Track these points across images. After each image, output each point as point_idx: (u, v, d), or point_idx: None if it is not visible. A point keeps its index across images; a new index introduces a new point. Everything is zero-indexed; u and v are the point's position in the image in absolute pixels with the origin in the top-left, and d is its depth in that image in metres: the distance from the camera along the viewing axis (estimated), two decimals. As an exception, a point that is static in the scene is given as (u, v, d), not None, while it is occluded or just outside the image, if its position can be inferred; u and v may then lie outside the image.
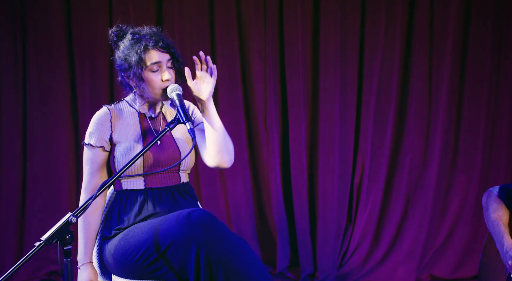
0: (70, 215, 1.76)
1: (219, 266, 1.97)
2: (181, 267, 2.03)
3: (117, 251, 2.19)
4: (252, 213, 4.22)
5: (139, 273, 2.15)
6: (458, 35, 4.03)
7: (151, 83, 2.28)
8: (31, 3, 4.02)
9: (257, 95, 4.12)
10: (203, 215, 2.06)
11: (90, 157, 2.32)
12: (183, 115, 2.10)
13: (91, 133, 2.32)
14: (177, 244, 2.02)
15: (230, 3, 4.08)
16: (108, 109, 2.36)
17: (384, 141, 4.11)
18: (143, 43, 2.27)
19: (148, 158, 2.27)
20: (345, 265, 4.14)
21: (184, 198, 2.35)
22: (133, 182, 2.32)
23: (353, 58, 4.08)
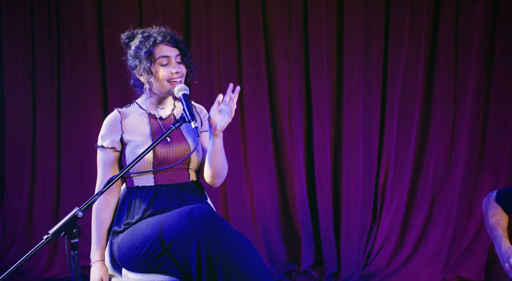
0: (77, 210, 1.85)
1: (219, 261, 2.03)
2: (184, 262, 2.10)
3: (125, 245, 2.28)
4: (277, 211, 4.27)
5: (145, 267, 2.22)
6: (484, 33, 3.97)
7: (160, 76, 2.38)
8: (65, 6, 4.18)
9: (282, 94, 4.17)
10: (204, 211, 2.13)
11: (102, 158, 2.43)
12: (188, 114, 2.16)
13: (103, 136, 2.43)
14: (180, 239, 2.09)
15: (255, 4, 4.15)
16: (118, 112, 2.48)
17: (409, 141, 4.09)
18: (152, 38, 2.38)
19: (158, 155, 2.36)
20: (370, 264, 4.13)
21: (193, 195, 2.42)
22: (143, 179, 2.40)
23: (377, 57, 4.07)
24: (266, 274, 2.08)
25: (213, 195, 4.25)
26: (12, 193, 4.29)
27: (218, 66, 4.20)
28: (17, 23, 4.20)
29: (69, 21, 4.20)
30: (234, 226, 4.13)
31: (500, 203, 2.49)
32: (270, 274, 2.11)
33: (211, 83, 4.21)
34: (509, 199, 2.45)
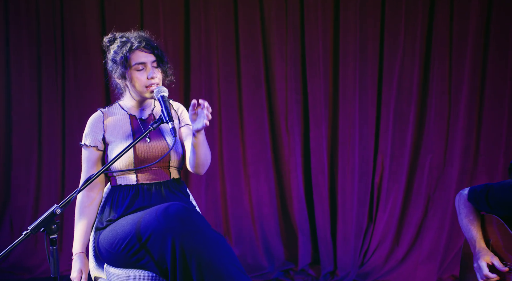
0: (55, 207, 1.94)
1: (192, 256, 2.10)
2: (160, 257, 2.18)
3: (106, 241, 2.37)
4: (275, 211, 4.33)
5: (125, 262, 2.31)
6: (479, 34, 4.02)
7: (137, 81, 2.46)
8: (69, 9, 4.29)
9: (279, 95, 4.24)
10: (179, 209, 2.20)
11: (86, 156, 2.52)
12: (166, 115, 2.23)
13: (86, 135, 2.54)
14: (156, 235, 2.17)
15: (253, 6, 4.22)
16: (101, 112, 2.57)
17: (405, 141, 4.14)
18: (129, 44, 2.46)
19: (138, 155, 2.44)
20: (366, 263, 4.18)
21: (174, 193, 2.50)
22: (125, 178, 2.49)
23: (373, 58, 4.13)
24: (239, 269, 2.15)
25: (212, 194, 4.34)
26: (18, 191, 4.42)
27: (218, 67, 4.28)
28: (23, 26, 4.32)
29: (73, 24, 4.31)
30: (233, 226, 4.27)
31: (472, 201, 2.52)
32: (243, 270, 2.18)
33: (211, 84, 4.29)
34: (480, 199, 2.47)
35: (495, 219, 2.46)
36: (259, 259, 4.29)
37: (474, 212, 2.54)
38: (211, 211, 4.36)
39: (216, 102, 4.29)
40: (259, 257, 4.29)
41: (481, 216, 2.55)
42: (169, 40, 4.29)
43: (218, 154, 4.32)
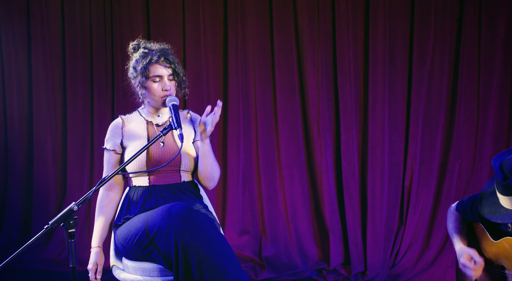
0: (73, 204, 2.21)
1: (192, 251, 2.32)
2: (166, 252, 2.42)
3: (122, 236, 2.63)
4: (308, 212, 4.50)
5: (137, 255, 2.56)
6: (507, 41, 4.04)
7: (152, 91, 2.73)
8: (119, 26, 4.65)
9: (312, 101, 4.40)
10: (181, 208, 2.43)
11: (107, 158, 2.81)
12: (175, 122, 2.47)
13: (107, 140, 2.82)
14: (161, 232, 2.41)
15: (287, 16, 4.41)
16: (121, 119, 2.86)
17: (434, 146, 4.20)
18: (149, 57, 2.72)
19: (151, 158, 2.69)
20: (397, 265, 4.27)
21: (185, 194, 2.73)
22: (140, 179, 2.76)
23: (402, 65, 4.23)
24: (235, 265, 2.35)
25: (249, 196, 4.56)
26: (73, 189, 4.80)
27: (254, 75, 4.50)
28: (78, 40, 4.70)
29: (122, 37, 4.64)
30: (269, 226, 4.48)
31: (459, 211, 2.64)
32: (239, 265, 2.38)
33: (247, 92, 4.51)
34: (466, 208, 2.60)
35: (480, 226, 2.56)
36: (293, 258, 4.46)
37: (459, 218, 2.66)
38: (248, 212, 4.59)
39: (253, 108, 4.51)
40: (293, 256, 4.47)
41: (468, 223, 2.66)
42: (208, 49, 4.54)
43: (255, 157, 4.54)
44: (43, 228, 2.16)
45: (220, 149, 4.60)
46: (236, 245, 4.57)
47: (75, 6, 4.69)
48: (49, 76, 4.77)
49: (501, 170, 2.15)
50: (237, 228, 4.60)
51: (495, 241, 2.46)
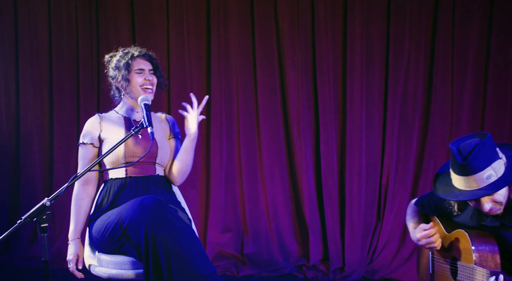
0: (46, 200, 2.31)
1: (161, 243, 2.44)
2: (137, 243, 2.54)
3: (96, 229, 2.75)
4: (289, 210, 4.62)
5: (110, 248, 2.68)
6: (480, 44, 4.19)
7: (135, 82, 2.89)
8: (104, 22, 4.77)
9: (292, 103, 4.53)
10: (153, 201, 2.55)
11: (82, 154, 2.92)
12: (146, 121, 2.58)
13: (84, 135, 2.94)
14: (133, 224, 2.53)
15: (269, 18, 4.53)
16: (98, 115, 3.00)
17: (410, 145, 4.33)
18: (131, 53, 2.92)
19: (128, 150, 2.82)
20: (375, 261, 4.40)
21: (158, 188, 2.86)
22: (116, 171, 2.88)
23: (379, 67, 4.37)
24: (202, 257, 2.46)
25: (231, 195, 4.68)
26: (59, 188, 4.88)
27: (236, 77, 4.62)
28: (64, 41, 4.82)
29: (108, 42, 4.75)
30: (251, 224, 4.60)
31: (418, 206, 2.77)
32: (207, 257, 2.49)
33: (230, 94, 4.64)
34: (424, 203, 2.74)
35: (436, 220, 2.69)
36: (275, 255, 4.58)
37: (417, 211, 2.80)
38: (230, 210, 4.71)
39: (235, 109, 4.63)
40: (274, 253, 4.59)
41: (425, 216, 2.78)
42: (192, 52, 4.67)
43: (237, 157, 4.66)
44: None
45: (203, 149, 4.71)
46: (219, 243, 4.69)
47: (62, 8, 4.81)
48: (36, 78, 4.88)
49: (459, 152, 2.26)
50: (219, 226, 4.72)
51: (448, 233, 2.59)
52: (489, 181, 2.24)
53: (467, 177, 2.26)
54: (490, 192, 2.23)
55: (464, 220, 2.54)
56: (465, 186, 2.28)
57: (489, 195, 2.25)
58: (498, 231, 2.40)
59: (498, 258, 2.38)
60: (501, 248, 2.40)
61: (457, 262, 2.51)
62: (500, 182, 2.24)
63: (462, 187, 2.30)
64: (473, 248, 2.38)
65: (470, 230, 2.46)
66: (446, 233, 2.61)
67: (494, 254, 2.38)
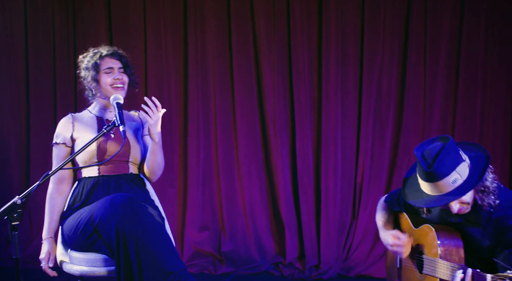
0: (17, 198, 2.33)
1: (131, 240, 2.47)
2: (109, 240, 2.56)
3: (68, 227, 2.77)
4: (266, 208, 4.66)
5: (83, 245, 2.70)
6: (451, 41, 4.27)
7: (104, 82, 2.89)
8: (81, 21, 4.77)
9: (268, 101, 4.57)
10: (124, 199, 2.57)
11: (56, 154, 2.94)
12: (118, 119, 2.61)
13: (57, 135, 2.95)
14: (104, 221, 2.55)
15: (245, 20, 4.57)
16: (71, 115, 3.00)
17: (384, 141, 4.41)
18: (99, 53, 2.92)
19: (101, 148, 2.84)
20: (350, 258, 4.46)
21: (131, 186, 2.88)
22: (89, 170, 2.89)
23: (353, 65, 4.43)
24: (172, 253, 2.50)
25: (209, 194, 4.70)
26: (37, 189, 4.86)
27: (213, 76, 4.65)
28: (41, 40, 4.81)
29: (85, 38, 4.75)
30: (228, 222, 4.63)
31: (388, 203, 2.83)
32: (177, 254, 2.53)
33: (207, 92, 4.66)
34: (393, 200, 2.80)
35: (404, 216, 2.75)
36: (252, 253, 4.62)
37: (386, 209, 2.85)
38: (207, 209, 4.74)
39: (212, 108, 4.66)
40: (251, 251, 4.62)
41: (394, 212, 2.84)
42: (169, 51, 4.69)
43: (214, 156, 4.69)
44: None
45: (180, 148, 4.73)
46: (196, 241, 4.71)
47: (38, 8, 4.80)
48: (13, 78, 4.86)
49: (424, 158, 2.32)
50: (197, 225, 4.74)
51: (416, 228, 2.65)
52: (455, 185, 2.30)
53: (433, 183, 2.31)
54: (458, 197, 2.30)
55: (432, 218, 2.60)
56: (433, 191, 2.34)
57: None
58: (462, 227, 2.47)
59: (462, 252, 2.44)
60: (465, 242, 2.46)
61: (423, 256, 2.57)
62: (466, 185, 2.31)
63: (430, 192, 2.36)
64: (438, 242, 2.44)
65: (437, 226, 2.52)
66: (414, 228, 2.67)
67: (458, 248, 2.45)
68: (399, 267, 2.79)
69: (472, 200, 2.38)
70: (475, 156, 2.39)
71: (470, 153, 2.40)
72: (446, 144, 2.30)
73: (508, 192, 2.45)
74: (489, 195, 2.37)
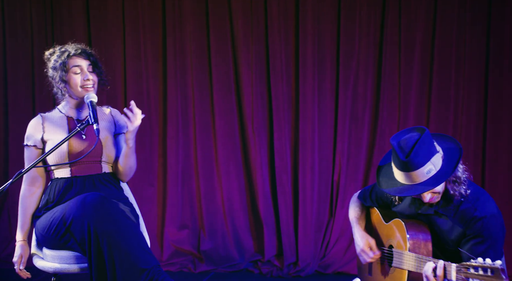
0: None
1: (104, 239, 2.50)
2: (81, 239, 2.58)
3: (41, 226, 2.78)
4: (245, 207, 4.70)
5: (56, 244, 2.72)
6: (425, 45, 4.33)
7: (73, 83, 2.85)
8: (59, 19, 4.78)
9: (246, 100, 4.61)
10: (95, 198, 2.59)
11: (27, 156, 2.93)
12: (92, 118, 2.62)
13: (27, 137, 2.94)
14: (76, 220, 2.57)
15: (223, 17, 4.60)
16: (41, 116, 2.97)
17: (360, 142, 4.46)
18: (67, 52, 2.87)
19: (72, 150, 2.83)
20: (328, 255, 4.51)
21: (105, 185, 2.88)
22: (61, 171, 2.89)
23: (330, 66, 4.48)
24: (145, 251, 2.53)
25: (188, 192, 4.73)
26: (15, 188, 4.87)
27: (192, 75, 4.68)
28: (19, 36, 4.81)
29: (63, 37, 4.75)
30: (207, 221, 4.65)
31: (361, 199, 2.89)
32: (150, 251, 2.56)
33: (186, 92, 4.69)
34: (366, 195, 2.86)
35: (376, 211, 2.81)
36: (230, 251, 4.65)
37: (359, 205, 2.91)
38: (187, 207, 4.76)
39: (191, 107, 4.69)
40: (230, 249, 4.66)
41: (366, 208, 2.90)
42: (148, 50, 4.71)
43: (193, 154, 4.72)
44: None
45: (160, 146, 4.76)
46: (176, 240, 4.74)
47: (15, 5, 4.79)
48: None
49: (400, 148, 2.37)
50: (176, 223, 4.77)
51: (386, 223, 2.70)
52: (429, 175, 2.36)
53: (408, 172, 2.37)
54: (431, 187, 2.35)
55: (403, 208, 2.66)
56: (407, 181, 2.40)
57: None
58: (431, 219, 2.53)
59: (430, 246, 2.51)
60: (433, 235, 2.53)
61: (392, 250, 2.63)
62: (439, 176, 2.37)
63: (404, 181, 2.41)
64: (408, 236, 2.49)
65: (406, 220, 2.58)
66: (384, 223, 2.73)
67: (426, 242, 2.51)
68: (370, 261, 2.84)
69: (443, 190, 2.44)
70: (448, 148, 2.46)
71: (444, 144, 2.47)
72: (422, 135, 2.35)
73: (474, 185, 2.53)
74: (461, 185, 2.45)
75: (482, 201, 2.46)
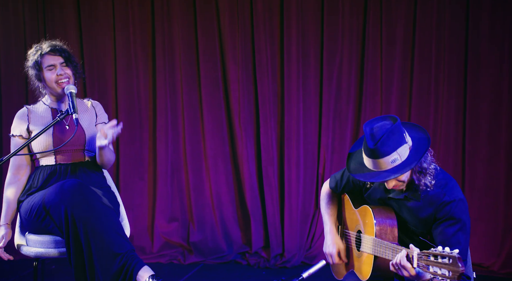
0: None
1: (80, 223, 2.62)
2: (60, 223, 2.70)
3: (24, 210, 2.91)
4: (233, 199, 4.81)
5: (38, 227, 2.84)
6: (406, 40, 4.42)
7: (49, 80, 2.99)
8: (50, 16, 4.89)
9: (233, 95, 4.72)
10: (73, 184, 2.71)
11: (13, 145, 3.08)
12: (71, 108, 2.75)
13: (14, 127, 3.08)
14: (54, 205, 2.69)
15: (211, 16, 4.71)
16: (26, 108, 3.12)
17: (344, 136, 4.56)
18: (40, 51, 3.01)
19: (57, 140, 2.96)
20: (313, 247, 4.62)
21: (87, 173, 3.01)
22: (47, 159, 3.02)
23: (314, 62, 4.58)
24: (120, 235, 2.64)
25: (177, 185, 4.84)
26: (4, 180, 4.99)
27: (180, 71, 4.79)
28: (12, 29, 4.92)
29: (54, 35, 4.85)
30: (196, 213, 4.76)
31: (332, 186, 2.97)
32: (125, 236, 2.67)
33: (175, 87, 4.80)
34: (337, 180, 2.94)
35: (346, 197, 2.91)
36: (219, 243, 4.77)
37: (330, 195, 2.99)
38: (176, 200, 4.88)
39: (180, 102, 4.80)
40: (219, 241, 4.77)
41: (338, 196, 2.99)
42: (138, 47, 4.82)
43: (182, 148, 4.84)
44: None
45: (150, 141, 4.87)
46: (166, 232, 4.85)
47: (8, 3, 4.90)
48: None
49: (371, 135, 2.46)
50: (166, 216, 4.88)
51: (356, 209, 2.81)
52: (394, 164, 2.45)
53: (375, 159, 2.47)
54: (394, 176, 2.45)
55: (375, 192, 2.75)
56: (374, 167, 2.50)
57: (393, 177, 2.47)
58: (401, 203, 2.62)
59: (396, 231, 2.60)
60: (401, 221, 2.62)
61: (361, 235, 2.73)
62: (403, 166, 2.46)
63: (371, 167, 2.51)
64: (375, 222, 2.59)
65: (374, 206, 2.68)
66: (354, 208, 2.83)
67: (393, 228, 2.61)
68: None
69: (409, 179, 2.53)
70: (418, 138, 2.54)
71: (414, 134, 2.55)
72: (393, 125, 2.44)
73: (444, 172, 2.61)
74: (426, 175, 2.53)
75: (450, 187, 2.55)
